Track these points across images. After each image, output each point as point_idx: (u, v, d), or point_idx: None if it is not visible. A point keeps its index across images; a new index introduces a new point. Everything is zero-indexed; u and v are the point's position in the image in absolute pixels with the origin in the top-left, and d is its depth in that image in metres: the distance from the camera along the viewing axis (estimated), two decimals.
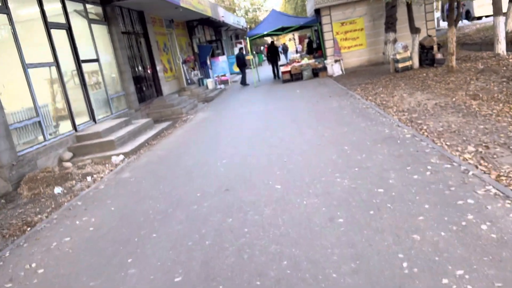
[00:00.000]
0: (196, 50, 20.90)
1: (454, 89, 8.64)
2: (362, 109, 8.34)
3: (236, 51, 34.37)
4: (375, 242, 3.00)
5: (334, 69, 16.67)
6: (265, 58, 36.36)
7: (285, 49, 37.16)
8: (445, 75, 10.55)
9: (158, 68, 14.86)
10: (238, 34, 37.84)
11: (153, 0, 12.14)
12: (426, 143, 5.25)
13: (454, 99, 7.78)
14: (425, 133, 5.84)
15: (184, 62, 18.05)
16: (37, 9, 8.46)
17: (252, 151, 6.52)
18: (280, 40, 54.24)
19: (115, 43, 11.65)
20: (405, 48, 13.34)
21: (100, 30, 11.34)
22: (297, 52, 40.38)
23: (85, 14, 10.42)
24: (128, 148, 8.32)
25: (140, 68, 13.48)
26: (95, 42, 10.68)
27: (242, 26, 33.63)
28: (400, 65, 13.26)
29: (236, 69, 27.96)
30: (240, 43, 39.27)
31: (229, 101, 14.38)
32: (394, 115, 7.34)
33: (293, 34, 53.01)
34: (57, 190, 6.43)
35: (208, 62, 21.31)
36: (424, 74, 11.62)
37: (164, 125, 10.69)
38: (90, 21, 10.58)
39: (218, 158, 6.38)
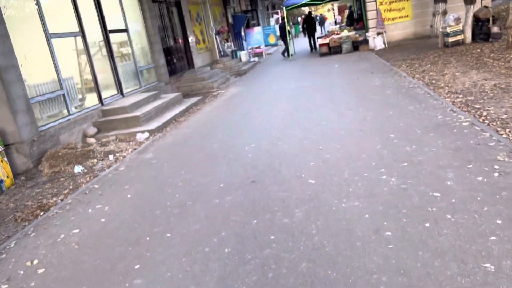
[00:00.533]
0: (230, 20, 20.11)
1: None
2: (409, 89, 7.47)
3: (273, 22, 33.24)
4: (434, 270, 2.37)
5: (376, 42, 15.51)
6: (301, 29, 34.96)
7: (322, 20, 35.38)
8: (504, 52, 9.38)
9: (190, 39, 14.29)
10: (275, 4, 36.47)
11: None
12: (489, 134, 4.45)
13: None
14: (486, 121, 5.01)
15: (218, 33, 17.36)
16: None
17: (283, 135, 5.90)
18: (318, 11, 52.08)
19: (145, 13, 11.13)
20: (457, 20, 12.06)
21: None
22: (336, 23, 38.51)
23: None
24: (154, 124, 7.90)
25: (171, 39, 12.96)
26: (124, 11, 10.18)
27: None
28: (451, 39, 12.04)
29: (272, 41, 27.07)
30: (277, 13, 37.90)
31: (262, 75, 13.69)
32: (446, 97, 6.47)
33: (332, 5, 50.75)
34: (78, 169, 6.11)
35: (243, 33, 20.49)
36: (479, 49, 10.44)
37: (193, 100, 10.20)
38: None
39: (246, 142, 5.81)
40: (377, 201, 3.32)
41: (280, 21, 31.65)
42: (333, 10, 53.69)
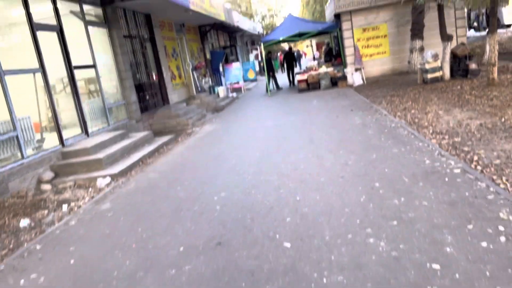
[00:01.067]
0: (208, 56, 19.88)
1: (501, 107, 7.30)
2: (392, 129, 7.07)
3: (252, 57, 33.37)
4: None
5: (355, 78, 15.40)
6: (279, 65, 35.17)
7: (299, 56, 35.69)
8: (485, 89, 9.21)
9: (165, 75, 13.83)
10: (254, 40, 36.82)
11: (159, 1, 11.10)
12: (485, 184, 3.97)
13: (503, 119, 6.46)
14: (479, 167, 4.56)
15: (195, 68, 17.01)
16: (22, 10, 7.46)
17: (258, 181, 5.32)
18: (297, 46, 53.07)
19: (116, 48, 10.64)
20: (435, 57, 12.00)
21: (99, 33, 10.36)
22: (314, 59, 39.01)
23: (81, 15, 9.42)
24: (118, 168, 7.23)
25: (144, 74, 12.47)
26: (92, 46, 9.67)
27: (258, 32, 32.63)
28: (429, 76, 11.93)
29: (251, 76, 26.98)
30: (256, 49, 38.23)
31: (239, 112, 13.24)
32: (432, 139, 6.06)
33: (311, 41, 51.78)
34: (24, 222, 5.34)
35: (221, 68, 20.24)
36: (459, 86, 10.28)
37: (165, 139, 9.58)
38: (87, 23, 9.59)
39: (216, 190, 5.20)
40: (364, 275, 2.73)
41: (259, 57, 31.83)
42: (312, 46, 54.84)
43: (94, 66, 9.68)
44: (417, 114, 7.92)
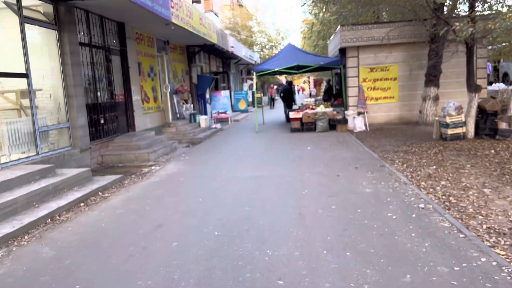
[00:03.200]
0: (194, 80, 17.72)
1: None
2: (421, 212, 4.75)
3: (246, 87, 31.37)
4: None
5: (356, 123, 13.28)
6: (277, 98, 33.24)
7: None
8: None
9: (134, 95, 11.56)
10: (250, 69, 35.00)
11: (132, 7, 8.92)
12: None
13: None
14: None
15: (175, 92, 14.79)
16: None
17: None
18: (295, 82, 51.54)
19: (66, 56, 8.35)
20: (459, 109, 9.92)
21: (43, 36, 8.13)
22: (310, 95, 37.22)
23: (16, 8, 7.18)
24: (12, 225, 4.81)
25: (105, 93, 10.15)
26: (28, 49, 7.37)
27: (255, 61, 30.75)
28: (450, 132, 9.81)
29: (242, 107, 24.84)
30: (251, 79, 36.42)
31: (217, 150, 10.91)
32: (494, 245, 3.75)
33: (308, 77, 50.12)
34: None
35: (207, 95, 18.07)
36: (492, 150, 8.12)
37: (106, 180, 7.17)
38: (24, 20, 7.32)
39: None
40: None
41: (254, 88, 29.84)
42: (309, 82, 53.43)
43: (27, 75, 7.35)
44: (451, 189, 5.65)
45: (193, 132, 13.44)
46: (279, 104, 28.81)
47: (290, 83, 20.15)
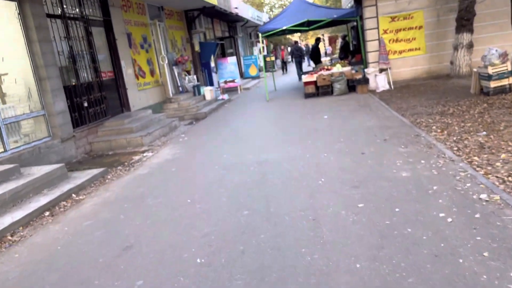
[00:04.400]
0: (197, 48, 16.23)
1: None
2: (485, 208, 3.38)
3: (256, 51, 29.53)
4: None
5: (379, 81, 11.68)
6: (289, 59, 31.28)
7: (308, 51, 30.09)
8: None
9: (125, 71, 10.28)
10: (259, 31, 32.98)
11: None
12: None
13: None
14: None
15: (175, 63, 13.41)
16: None
17: None
18: (309, 40, 48.94)
19: (31, 32, 7.08)
20: (504, 56, 8.26)
21: (0, 9, 6.85)
22: (326, 55, 34.98)
23: None
24: None
25: (88, 71, 8.88)
26: None
27: (264, 23, 28.80)
28: (493, 85, 8.20)
29: (253, 73, 23.25)
30: (262, 41, 34.38)
31: (220, 126, 9.62)
32: None
33: (322, 34, 47.53)
34: None
35: (212, 64, 16.59)
36: None
37: (86, 176, 6.01)
38: None
39: None
40: None
41: (265, 51, 27.96)
42: (323, 40, 50.72)
43: None
44: None
45: (196, 107, 12.15)
46: (292, 68, 26.95)
47: (318, 40, 18.32)
